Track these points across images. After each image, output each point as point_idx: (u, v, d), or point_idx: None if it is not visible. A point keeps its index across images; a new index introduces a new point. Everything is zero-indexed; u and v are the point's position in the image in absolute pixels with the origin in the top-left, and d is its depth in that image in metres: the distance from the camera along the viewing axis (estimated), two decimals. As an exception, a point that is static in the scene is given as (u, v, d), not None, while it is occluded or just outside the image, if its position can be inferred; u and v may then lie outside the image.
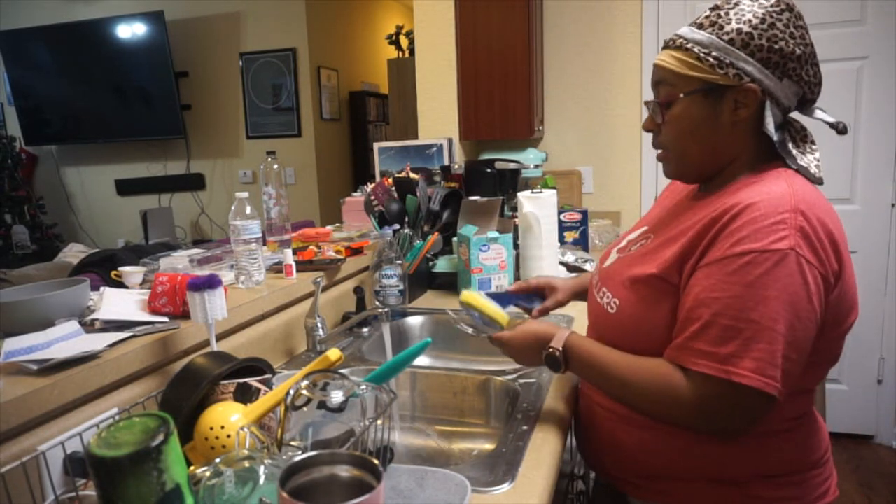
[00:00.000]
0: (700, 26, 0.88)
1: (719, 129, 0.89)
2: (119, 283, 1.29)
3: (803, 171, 0.89)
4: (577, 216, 2.30)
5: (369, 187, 2.07)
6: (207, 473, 0.67)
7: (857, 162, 2.67)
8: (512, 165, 2.35)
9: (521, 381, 1.20)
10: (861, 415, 2.81)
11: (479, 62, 2.64)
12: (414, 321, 1.66)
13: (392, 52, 5.06)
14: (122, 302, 1.11)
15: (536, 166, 2.77)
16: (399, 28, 5.10)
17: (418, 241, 1.83)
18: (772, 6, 0.85)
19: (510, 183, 2.38)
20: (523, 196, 1.81)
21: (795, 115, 0.94)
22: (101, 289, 1.16)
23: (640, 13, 2.86)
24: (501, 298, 1.25)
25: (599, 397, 1.02)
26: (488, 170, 2.27)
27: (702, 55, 0.86)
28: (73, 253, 4.05)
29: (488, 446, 1.21)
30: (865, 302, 2.73)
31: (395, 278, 1.62)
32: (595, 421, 1.04)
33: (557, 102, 3.05)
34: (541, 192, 1.82)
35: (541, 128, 2.94)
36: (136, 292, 1.19)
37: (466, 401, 1.29)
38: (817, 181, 0.90)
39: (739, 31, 0.84)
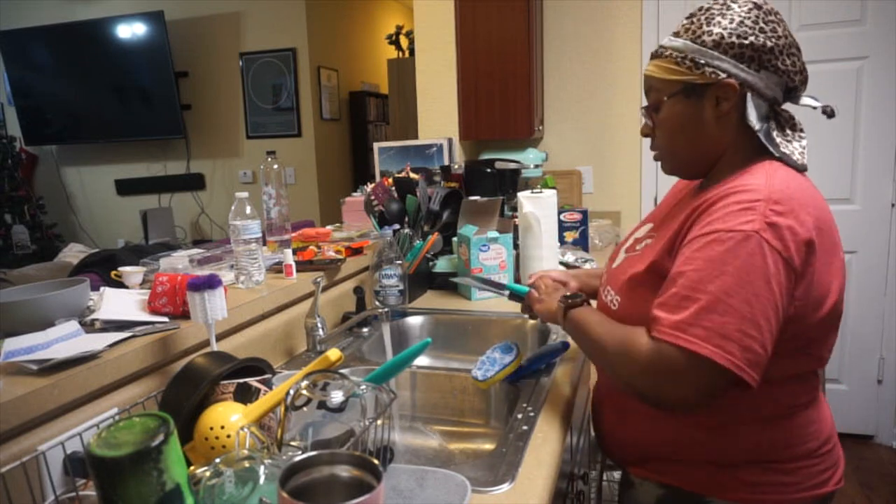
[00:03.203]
0: (677, 34, 0.96)
1: (705, 125, 0.95)
2: (119, 283, 1.29)
3: (786, 158, 0.93)
4: (577, 216, 2.30)
5: (369, 187, 2.07)
6: (207, 473, 0.67)
7: (857, 162, 2.67)
8: (512, 165, 2.35)
9: (522, 381, 1.20)
10: (861, 415, 2.81)
11: (479, 62, 2.64)
12: (414, 321, 1.66)
13: (392, 52, 5.06)
14: (122, 302, 1.12)
15: (536, 166, 2.77)
16: (399, 28, 5.10)
17: (418, 241, 1.83)
18: (739, 6, 0.92)
19: (510, 183, 2.38)
20: (523, 196, 1.81)
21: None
22: (101, 289, 1.16)
23: (639, 13, 2.86)
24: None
25: (606, 392, 1.11)
26: (488, 170, 2.27)
27: (678, 59, 0.94)
28: (73, 253, 4.06)
29: (488, 446, 1.21)
30: (865, 302, 2.75)
31: (395, 278, 1.62)
32: (605, 413, 1.12)
33: (557, 102, 3.05)
34: (541, 192, 1.82)
35: (541, 128, 2.94)
36: (136, 292, 1.19)
37: (466, 401, 1.29)
38: (800, 168, 0.94)
39: (710, 33, 0.91)
